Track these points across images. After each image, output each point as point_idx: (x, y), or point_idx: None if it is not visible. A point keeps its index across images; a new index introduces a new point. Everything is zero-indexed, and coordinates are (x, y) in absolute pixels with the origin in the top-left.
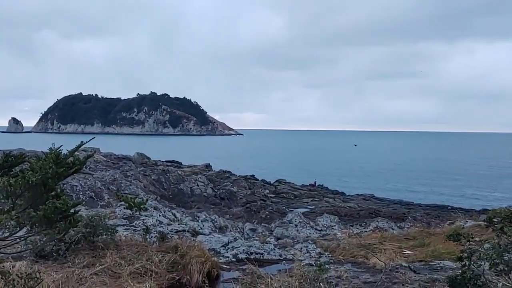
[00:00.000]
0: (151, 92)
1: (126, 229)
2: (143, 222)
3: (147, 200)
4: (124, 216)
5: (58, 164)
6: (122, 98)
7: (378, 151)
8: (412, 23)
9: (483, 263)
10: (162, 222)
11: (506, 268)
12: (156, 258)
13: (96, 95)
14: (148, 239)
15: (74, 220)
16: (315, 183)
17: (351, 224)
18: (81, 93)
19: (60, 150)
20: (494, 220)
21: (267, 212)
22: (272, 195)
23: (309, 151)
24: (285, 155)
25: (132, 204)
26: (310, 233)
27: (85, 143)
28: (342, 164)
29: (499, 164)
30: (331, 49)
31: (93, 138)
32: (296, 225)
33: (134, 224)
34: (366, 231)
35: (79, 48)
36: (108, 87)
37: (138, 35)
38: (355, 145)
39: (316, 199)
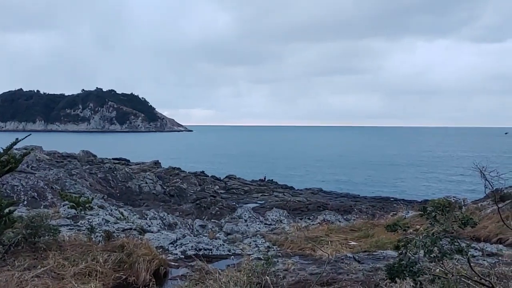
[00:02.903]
0: (96, 88)
1: (70, 229)
2: (89, 221)
3: (92, 198)
4: (69, 216)
5: None
6: (66, 94)
7: (325, 146)
8: (356, 20)
9: (419, 251)
10: (109, 221)
11: (439, 255)
12: (102, 258)
13: (37, 91)
14: (93, 239)
15: (10, 220)
16: (264, 178)
17: (300, 217)
18: (21, 89)
19: None
20: (428, 209)
21: (217, 208)
22: (222, 191)
23: (259, 147)
24: (235, 150)
25: (77, 204)
26: (259, 228)
27: (20, 140)
28: (291, 159)
29: (439, 156)
30: (279, 45)
31: (29, 135)
32: (245, 220)
33: (79, 223)
34: (313, 224)
35: (17, 42)
36: (51, 83)
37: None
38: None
39: (266, 194)
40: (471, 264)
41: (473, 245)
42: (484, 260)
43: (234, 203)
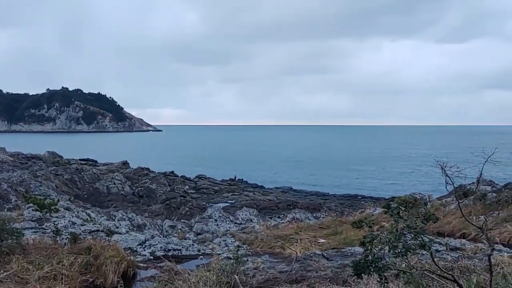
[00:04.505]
0: (62, 87)
1: (35, 232)
2: (54, 223)
3: (58, 200)
4: (33, 219)
5: None
6: (30, 94)
7: (295, 145)
8: (323, 20)
9: (384, 247)
10: (75, 223)
11: (403, 250)
12: (68, 261)
13: (0, 90)
14: (59, 241)
15: None
16: (235, 177)
17: (270, 216)
18: None
19: None
20: (392, 206)
21: (187, 208)
22: (192, 191)
23: (229, 146)
24: (205, 150)
25: (42, 206)
26: (229, 227)
27: None
28: (261, 158)
29: (407, 154)
30: (247, 45)
31: None
32: (216, 220)
33: (44, 226)
34: (283, 222)
35: None
36: (13, 82)
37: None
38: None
39: (236, 193)
40: (435, 258)
41: (437, 240)
42: (448, 255)
43: (204, 203)
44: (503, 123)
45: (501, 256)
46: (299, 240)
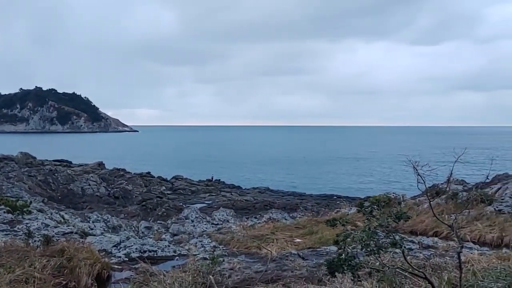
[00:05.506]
0: (36, 87)
1: (6, 234)
2: (26, 226)
3: (31, 202)
4: (5, 221)
5: None
6: (3, 93)
7: (271, 145)
8: (298, 21)
9: (357, 245)
10: (49, 225)
11: (375, 248)
12: (40, 264)
13: None
14: (31, 244)
15: None
16: (212, 178)
17: (247, 216)
18: None
19: None
20: (365, 205)
21: (164, 209)
22: (169, 192)
23: (206, 147)
24: (181, 151)
25: (14, 208)
26: (206, 228)
27: None
28: (238, 158)
29: (382, 154)
30: (223, 45)
31: None
32: (192, 221)
33: (16, 228)
34: (260, 222)
35: None
36: None
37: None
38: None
39: (213, 194)
40: (408, 257)
41: (410, 239)
42: (420, 253)
43: (181, 204)
44: (473, 123)
45: (471, 253)
46: (275, 240)
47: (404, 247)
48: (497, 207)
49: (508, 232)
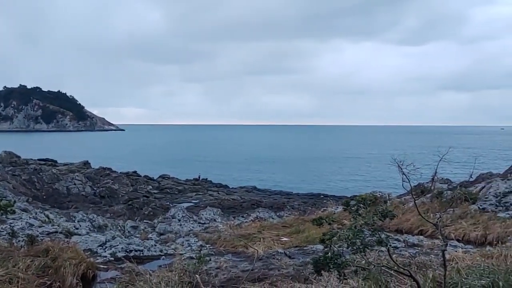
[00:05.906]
0: (20, 85)
1: None
2: (10, 225)
3: (15, 202)
4: None
5: None
6: None
7: (259, 145)
8: (285, 21)
9: (343, 244)
10: (33, 225)
11: (361, 247)
12: (24, 264)
13: None
14: (15, 244)
15: None
16: (199, 177)
17: (234, 215)
18: None
19: None
20: (350, 204)
21: (150, 209)
22: (156, 191)
23: (193, 146)
24: (168, 150)
25: None
26: (193, 227)
27: None
28: (226, 158)
29: (369, 153)
30: (210, 44)
31: None
32: (179, 220)
33: None
34: (247, 221)
35: None
36: None
37: None
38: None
39: (200, 193)
40: (394, 255)
41: (396, 237)
42: (406, 251)
43: (168, 203)
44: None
45: (456, 251)
46: (262, 239)
47: (390, 245)
48: (481, 206)
49: (492, 230)
